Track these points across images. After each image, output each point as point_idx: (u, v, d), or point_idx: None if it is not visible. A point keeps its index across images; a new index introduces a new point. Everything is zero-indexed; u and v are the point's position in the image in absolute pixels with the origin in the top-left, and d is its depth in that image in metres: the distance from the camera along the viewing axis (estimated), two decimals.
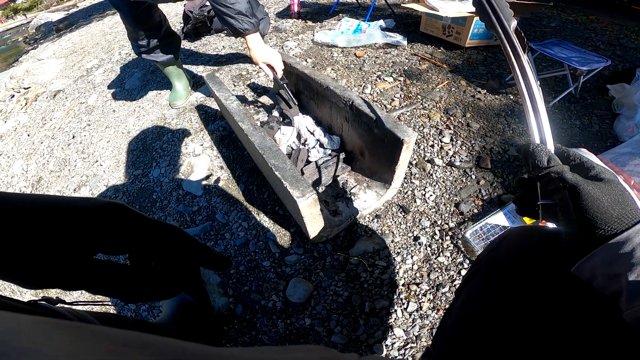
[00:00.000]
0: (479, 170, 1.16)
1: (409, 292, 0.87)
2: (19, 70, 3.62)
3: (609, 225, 0.28)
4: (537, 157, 0.34)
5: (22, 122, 2.36)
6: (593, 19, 2.38)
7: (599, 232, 0.29)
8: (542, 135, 0.37)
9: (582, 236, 0.30)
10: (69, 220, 0.28)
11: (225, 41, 2.35)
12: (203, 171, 1.29)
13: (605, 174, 0.31)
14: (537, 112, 0.39)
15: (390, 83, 1.60)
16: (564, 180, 0.31)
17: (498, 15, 0.46)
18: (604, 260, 0.28)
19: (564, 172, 0.32)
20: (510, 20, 0.45)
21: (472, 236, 0.96)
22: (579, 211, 0.30)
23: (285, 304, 0.89)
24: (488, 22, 0.47)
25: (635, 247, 0.26)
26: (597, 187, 0.30)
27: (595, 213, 0.29)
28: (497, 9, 0.46)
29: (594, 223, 0.29)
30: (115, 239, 0.29)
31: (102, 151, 1.60)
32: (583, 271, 0.30)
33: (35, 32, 7.71)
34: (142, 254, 0.31)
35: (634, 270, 0.26)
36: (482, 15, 0.48)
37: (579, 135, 1.29)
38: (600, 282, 0.29)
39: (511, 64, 0.43)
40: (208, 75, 1.28)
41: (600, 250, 0.28)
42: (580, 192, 0.30)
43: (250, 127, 0.98)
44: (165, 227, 0.32)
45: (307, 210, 0.81)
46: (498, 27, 0.45)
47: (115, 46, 3.09)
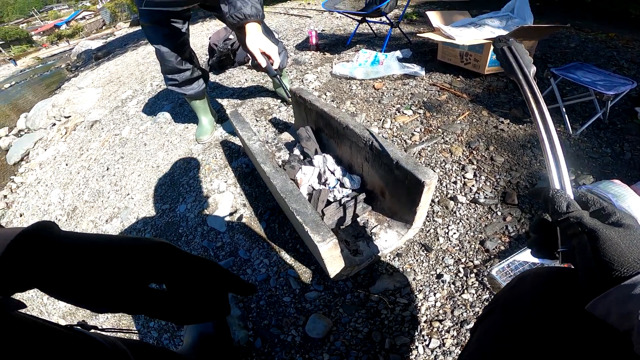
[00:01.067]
0: (505, 207, 1.13)
1: (431, 328, 0.85)
2: (60, 98, 3.93)
3: (625, 268, 0.30)
4: (557, 203, 0.35)
5: (61, 151, 2.55)
6: (613, 36, 2.32)
7: (615, 273, 0.30)
8: (562, 182, 0.39)
9: (599, 277, 0.31)
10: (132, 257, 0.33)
11: (248, 74, 2.46)
12: (227, 208, 1.33)
13: (625, 219, 0.32)
14: (556, 158, 0.40)
15: (410, 116, 1.61)
16: (583, 225, 0.33)
17: (519, 62, 0.48)
18: (618, 298, 0.29)
19: (583, 217, 0.33)
20: (529, 66, 0.48)
21: (499, 274, 0.93)
22: (596, 254, 0.31)
23: (304, 339, 0.90)
24: (509, 68, 0.49)
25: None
26: (615, 232, 0.31)
27: (612, 256, 0.30)
28: (518, 56, 0.49)
29: (610, 265, 0.30)
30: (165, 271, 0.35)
31: (134, 184, 1.69)
32: (597, 308, 0.31)
33: (76, 60, 8.41)
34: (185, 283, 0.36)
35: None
36: (502, 62, 0.51)
37: (611, 164, 1.24)
38: (614, 319, 0.30)
39: (531, 109, 0.44)
40: (232, 112, 1.35)
41: (616, 290, 0.30)
42: (598, 237, 0.31)
43: (272, 170, 1.01)
44: (203, 261, 0.37)
45: (328, 254, 0.82)
46: (519, 74, 0.47)
47: (148, 77, 3.31)
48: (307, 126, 1.36)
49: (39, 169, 2.44)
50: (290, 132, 1.54)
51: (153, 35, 1.43)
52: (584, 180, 1.19)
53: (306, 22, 3.82)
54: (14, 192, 2.37)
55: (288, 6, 5.17)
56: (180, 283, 0.35)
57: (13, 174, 2.68)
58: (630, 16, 2.68)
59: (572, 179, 1.20)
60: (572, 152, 1.30)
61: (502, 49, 0.51)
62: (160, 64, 1.53)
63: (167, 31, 1.43)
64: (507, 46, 0.50)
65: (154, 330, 1.07)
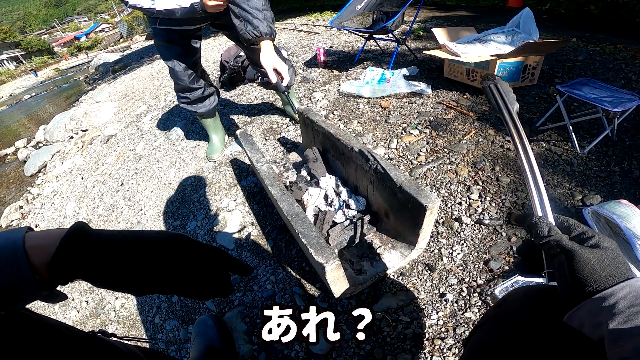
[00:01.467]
0: (510, 227, 1.13)
1: (433, 346, 0.86)
2: (78, 111, 4.08)
3: (597, 283, 0.33)
4: (539, 229, 0.40)
5: (77, 164, 2.64)
6: (621, 47, 2.31)
7: (588, 288, 0.33)
8: (544, 209, 0.43)
9: (575, 292, 0.35)
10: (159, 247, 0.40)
11: (258, 91, 2.53)
12: (235, 226, 1.37)
13: (603, 242, 0.36)
14: (538, 188, 0.45)
15: (416, 136, 1.63)
16: (562, 246, 0.37)
17: (504, 100, 0.53)
18: (590, 310, 0.32)
19: (562, 240, 0.38)
20: (513, 104, 0.53)
21: (501, 293, 0.92)
22: (572, 272, 0.35)
23: (307, 355, 0.91)
24: (495, 105, 0.54)
25: (618, 300, 0.31)
26: (591, 253, 0.35)
27: (586, 273, 0.34)
28: (503, 93, 0.54)
29: (584, 281, 0.34)
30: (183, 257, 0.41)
31: (146, 200, 1.75)
32: (573, 320, 0.34)
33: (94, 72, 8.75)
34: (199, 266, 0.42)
35: (614, 319, 0.30)
36: (490, 99, 0.55)
37: (619, 183, 1.23)
38: (587, 330, 0.33)
39: (514, 143, 0.49)
40: (241, 133, 1.40)
41: (588, 302, 0.33)
42: (574, 256, 0.35)
43: (279, 192, 1.04)
44: (212, 249, 0.45)
45: (331, 274, 0.84)
46: (504, 111, 0.52)
47: (162, 92, 3.42)
48: (314, 147, 1.39)
49: (55, 182, 2.54)
50: (298, 152, 1.58)
51: (167, 54, 1.49)
52: (591, 200, 1.18)
53: (314, 39, 3.91)
54: (30, 203, 2.46)
55: (297, 22, 5.30)
56: (195, 266, 0.42)
57: (30, 185, 2.78)
58: (638, 26, 2.67)
59: (579, 199, 1.20)
60: (580, 172, 1.30)
61: (489, 86, 0.56)
62: (174, 82, 1.59)
63: (181, 50, 1.49)
64: (494, 84, 0.55)
65: (162, 342, 1.10)
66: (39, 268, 0.35)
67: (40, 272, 0.35)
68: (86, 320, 1.32)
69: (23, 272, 0.33)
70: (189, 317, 1.12)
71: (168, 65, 1.53)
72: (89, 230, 0.38)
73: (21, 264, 0.33)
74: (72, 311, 1.37)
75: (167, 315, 1.16)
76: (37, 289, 0.35)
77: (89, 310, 1.33)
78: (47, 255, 0.34)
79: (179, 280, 0.40)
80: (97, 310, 1.32)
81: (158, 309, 1.20)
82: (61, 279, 0.36)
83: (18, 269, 0.33)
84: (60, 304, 1.42)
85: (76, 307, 1.37)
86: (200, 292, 0.42)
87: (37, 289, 0.34)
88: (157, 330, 1.14)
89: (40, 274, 0.35)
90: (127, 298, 1.30)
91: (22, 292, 0.34)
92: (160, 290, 0.40)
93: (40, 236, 0.36)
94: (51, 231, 0.37)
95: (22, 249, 0.34)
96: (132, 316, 1.23)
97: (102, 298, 1.35)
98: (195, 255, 0.42)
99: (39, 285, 0.34)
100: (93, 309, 1.33)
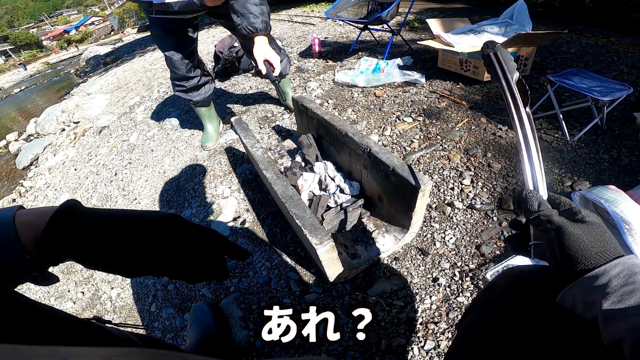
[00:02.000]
0: (501, 212, 1.15)
1: (427, 330, 0.87)
2: (70, 104, 4.02)
3: (588, 261, 0.32)
4: (529, 202, 0.39)
5: (70, 156, 2.61)
6: (613, 40, 2.34)
7: (579, 266, 0.33)
8: (535, 182, 0.42)
9: (566, 270, 0.34)
10: (152, 227, 0.39)
11: (252, 81, 2.52)
12: (230, 213, 1.37)
13: (589, 217, 0.35)
14: (531, 160, 0.43)
15: (410, 124, 1.64)
16: (551, 222, 0.36)
17: (503, 68, 0.51)
18: (582, 289, 0.32)
19: (552, 216, 0.37)
20: (513, 72, 0.50)
21: (493, 277, 0.95)
22: (562, 249, 0.34)
23: (303, 340, 0.92)
24: (494, 74, 0.52)
25: (611, 279, 0.30)
26: (579, 228, 0.34)
27: (577, 250, 0.33)
28: (503, 62, 0.51)
29: (575, 259, 0.33)
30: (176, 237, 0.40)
31: (141, 189, 1.74)
32: (566, 299, 0.34)
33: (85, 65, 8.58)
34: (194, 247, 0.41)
35: (607, 298, 0.29)
36: (488, 67, 0.53)
37: (608, 170, 1.25)
38: (580, 309, 0.32)
39: (511, 114, 0.47)
40: (235, 120, 1.39)
41: (580, 281, 0.32)
42: (564, 232, 0.35)
43: (274, 176, 1.05)
44: (207, 230, 0.43)
45: (325, 256, 0.85)
46: (502, 80, 0.50)
47: (155, 83, 3.38)
48: (308, 134, 1.40)
49: (48, 174, 2.50)
50: (293, 139, 1.58)
51: (164, 43, 1.48)
52: (580, 186, 1.21)
53: (309, 30, 3.88)
54: (22, 195, 2.43)
55: (292, 13, 5.25)
56: (188, 247, 0.40)
57: (22, 178, 2.74)
58: (632, 21, 2.70)
59: (569, 185, 1.22)
60: (570, 159, 1.32)
61: (488, 54, 0.53)
62: (170, 71, 1.59)
63: (178, 39, 1.48)
64: (494, 52, 0.53)
65: (158, 331, 1.10)
66: (28, 246, 0.33)
67: (29, 250, 0.33)
68: (82, 311, 1.31)
69: (12, 250, 0.32)
70: (185, 305, 1.13)
71: (165, 54, 1.52)
72: (81, 208, 0.37)
73: (10, 241, 0.32)
74: (68, 302, 1.36)
75: (163, 303, 1.17)
76: (27, 269, 0.33)
77: (85, 301, 1.33)
78: (37, 233, 0.33)
79: (172, 261, 0.39)
80: (93, 300, 1.32)
81: (154, 297, 1.20)
82: (51, 258, 0.34)
83: (7, 246, 0.32)
84: (56, 296, 1.41)
85: (72, 298, 1.37)
86: (194, 274, 0.41)
87: (27, 268, 0.33)
88: (154, 318, 1.14)
89: (30, 253, 0.33)
90: (123, 288, 1.30)
91: (11, 272, 0.33)
92: (152, 271, 0.38)
93: (31, 213, 0.35)
94: (42, 209, 0.36)
95: (13, 226, 0.33)
96: (129, 305, 1.24)
97: (97, 288, 1.34)
98: (189, 236, 0.40)
99: (29, 264, 0.33)
100: (89, 299, 1.33)
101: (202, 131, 1.92)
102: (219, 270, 0.43)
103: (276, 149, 1.53)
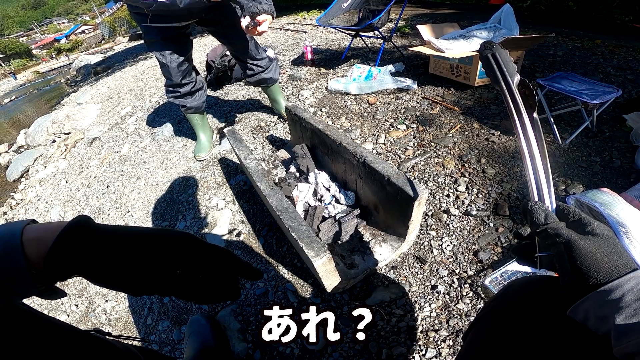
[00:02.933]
0: (497, 218, 1.15)
1: (428, 338, 0.87)
2: (60, 114, 3.96)
3: (601, 275, 0.32)
4: (535, 215, 0.37)
5: (61, 168, 2.57)
6: (599, 42, 2.39)
7: (591, 280, 0.32)
8: (541, 194, 0.40)
9: (577, 285, 0.33)
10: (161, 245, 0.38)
11: (245, 90, 2.51)
12: (225, 225, 1.35)
13: (600, 229, 0.34)
14: (536, 170, 0.40)
15: (403, 131, 1.65)
16: (560, 236, 0.35)
17: (502, 71, 0.48)
18: (595, 303, 0.31)
19: (560, 229, 0.35)
20: (513, 75, 0.47)
21: (492, 283, 0.95)
22: (573, 263, 0.33)
23: (302, 351, 0.91)
24: (493, 77, 0.49)
25: (625, 293, 0.29)
26: (591, 242, 0.33)
27: (588, 265, 0.32)
28: (502, 64, 0.48)
29: (587, 273, 0.32)
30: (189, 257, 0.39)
31: (134, 202, 1.72)
32: (577, 313, 0.33)
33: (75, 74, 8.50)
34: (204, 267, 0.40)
35: (621, 312, 0.29)
36: (487, 71, 0.50)
37: (600, 173, 1.27)
38: (592, 324, 0.32)
39: (513, 120, 0.44)
40: (229, 131, 1.38)
41: (593, 295, 0.31)
42: (574, 247, 0.33)
43: (268, 189, 1.04)
44: (218, 248, 0.42)
45: (322, 268, 0.85)
46: (502, 83, 0.47)
47: (146, 93, 3.35)
48: (302, 144, 1.39)
49: (38, 186, 2.46)
50: (287, 149, 1.58)
51: (159, 50, 1.48)
52: (574, 190, 1.22)
53: (302, 37, 3.90)
54: (13, 208, 2.38)
55: (284, 21, 5.28)
56: (200, 267, 0.39)
57: (13, 191, 2.69)
58: (616, 22, 2.76)
59: (563, 189, 1.23)
60: (562, 162, 1.33)
61: (486, 56, 0.50)
62: (166, 78, 1.59)
63: (173, 46, 1.49)
64: (492, 53, 0.50)
65: (155, 344, 1.08)
66: (34, 262, 0.33)
67: (36, 265, 0.34)
68: (77, 324, 1.28)
69: (17, 265, 0.32)
70: (182, 318, 1.11)
71: (161, 62, 1.52)
72: (91, 224, 0.37)
73: (16, 256, 0.32)
74: (62, 315, 1.33)
75: (159, 316, 1.15)
76: (32, 283, 0.33)
77: (79, 314, 1.30)
78: (44, 249, 0.33)
79: (182, 281, 0.38)
80: (87, 313, 1.29)
81: (150, 310, 1.18)
82: (57, 274, 0.34)
83: (12, 261, 0.32)
84: (50, 308, 1.38)
85: (65, 311, 1.34)
86: (204, 295, 0.40)
87: (32, 283, 0.33)
88: (150, 331, 1.13)
89: (37, 268, 0.34)
90: (118, 300, 1.27)
91: (16, 286, 0.33)
92: (160, 290, 0.38)
93: (40, 229, 0.35)
94: (52, 224, 0.36)
95: (19, 240, 0.33)
96: (124, 318, 1.21)
97: (92, 301, 1.32)
98: (202, 255, 0.40)
99: (34, 279, 0.33)
100: (83, 312, 1.30)
101: (195, 141, 1.90)
102: (231, 290, 0.42)
103: (270, 160, 1.53)
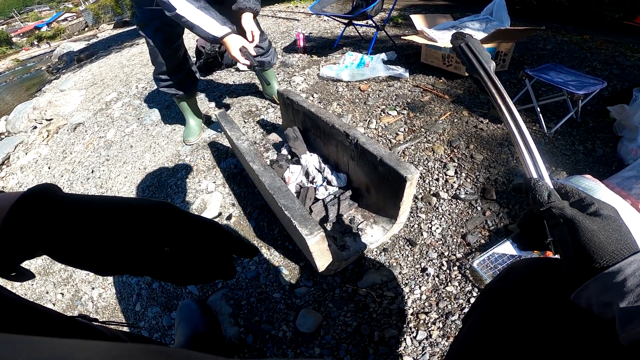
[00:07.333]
0: (485, 202, 1.18)
1: (418, 320, 0.88)
2: (42, 101, 3.81)
3: (605, 259, 0.30)
4: (538, 192, 0.35)
5: (43, 154, 2.48)
6: (587, 38, 2.43)
7: (595, 265, 0.31)
8: (539, 171, 0.38)
9: (580, 269, 0.32)
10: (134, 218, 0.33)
11: (235, 76, 2.47)
12: (216, 208, 1.34)
13: (604, 210, 0.32)
14: (529, 149, 0.40)
15: (394, 117, 1.65)
16: (564, 216, 0.33)
17: (478, 59, 0.48)
18: (597, 289, 0.30)
19: (565, 208, 0.33)
20: (489, 62, 0.47)
21: (480, 266, 0.97)
22: (577, 246, 0.32)
23: (295, 334, 0.92)
24: (469, 65, 0.49)
25: (627, 277, 0.28)
26: (595, 223, 0.31)
27: (592, 248, 0.31)
28: (476, 52, 0.48)
29: (590, 257, 0.31)
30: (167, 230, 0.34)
31: (120, 187, 1.68)
32: (580, 299, 0.32)
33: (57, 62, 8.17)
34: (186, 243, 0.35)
35: (625, 298, 0.28)
36: (463, 60, 0.50)
37: (583, 161, 1.30)
38: (597, 309, 0.31)
39: (497, 105, 0.44)
40: (220, 113, 1.36)
41: (595, 280, 0.30)
42: (578, 229, 0.32)
43: (261, 168, 1.03)
44: (204, 221, 0.36)
45: (315, 247, 0.84)
46: (480, 71, 0.46)
47: (133, 79, 3.25)
48: (294, 127, 1.39)
49: (20, 173, 2.37)
50: (278, 132, 1.57)
51: (153, 37, 1.45)
52: (557, 176, 1.25)
53: (294, 25, 3.85)
54: None
55: (276, 9, 5.19)
56: (181, 243, 0.34)
57: None
58: (606, 19, 2.81)
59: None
60: (547, 150, 1.37)
61: (460, 46, 0.50)
62: (156, 65, 1.54)
63: (165, 34, 1.45)
64: (465, 43, 0.50)
65: (144, 330, 1.07)
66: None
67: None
68: (63, 312, 1.25)
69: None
70: (172, 303, 1.09)
71: (151, 49, 1.48)
72: (54, 193, 0.32)
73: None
74: (47, 304, 1.30)
75: (148, 302, 1.13)
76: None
77: (65, 303, 1.27)
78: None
79: (158, 258, 0.33)
80: (73, 302, 1.26)
81: (138, 296, 1.16)
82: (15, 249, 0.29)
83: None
84: (34, 298, 1.34)
85: (51, 300, 1.31)
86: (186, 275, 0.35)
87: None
88: (139, 318, 1.11)
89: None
90: (105, 287, 1.25)
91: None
92: (133, 270, 0.33)
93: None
94: (11, 193, 0.31)
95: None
96: (111, 306, 1.19)
97: (78, 289, 1.29)
98: (181, 228, 0.34)
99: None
100: (69, 300, 1.27)
101: (184, 126, 1.87)
102: (224, 269, 0.38)
103: (261, 143, 1.51)
